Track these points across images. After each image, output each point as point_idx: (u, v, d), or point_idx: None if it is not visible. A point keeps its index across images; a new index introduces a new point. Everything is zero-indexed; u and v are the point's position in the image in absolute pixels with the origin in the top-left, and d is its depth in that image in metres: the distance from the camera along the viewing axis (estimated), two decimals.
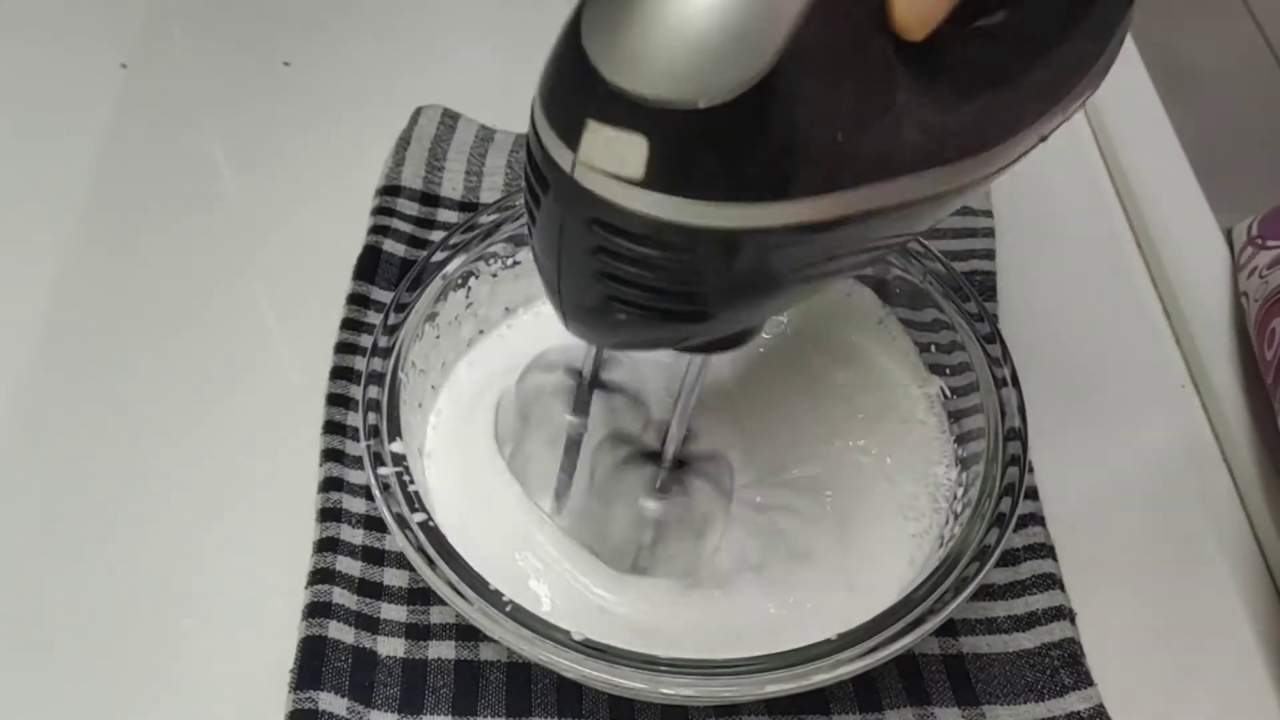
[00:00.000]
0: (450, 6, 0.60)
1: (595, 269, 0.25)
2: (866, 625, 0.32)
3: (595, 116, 0.23)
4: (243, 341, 0.45)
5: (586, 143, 0.24)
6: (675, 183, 0.23)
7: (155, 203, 0.50)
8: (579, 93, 0.24)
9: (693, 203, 0.24)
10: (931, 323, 0.41)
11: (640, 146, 0.23)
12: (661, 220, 0.24)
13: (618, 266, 0.25)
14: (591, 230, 0.25)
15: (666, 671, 0.32)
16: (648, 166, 0.23)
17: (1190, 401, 0.45)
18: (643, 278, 0.25)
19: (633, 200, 0.24)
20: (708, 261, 0.25)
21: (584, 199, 0.24)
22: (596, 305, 0.26)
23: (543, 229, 0.26)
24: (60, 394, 0.43)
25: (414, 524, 0.34)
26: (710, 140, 0.23)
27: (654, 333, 0.27)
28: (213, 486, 0.40)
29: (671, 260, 0.25)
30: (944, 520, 0.38)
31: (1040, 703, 0.36)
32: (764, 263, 0.25)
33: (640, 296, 0.26)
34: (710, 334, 0.28)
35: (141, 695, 0.36)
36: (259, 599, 0.37)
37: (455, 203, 0.49)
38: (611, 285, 0.26)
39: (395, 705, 0.35)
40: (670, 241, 0.24)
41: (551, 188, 0.25)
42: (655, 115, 0.23)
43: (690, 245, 0.24)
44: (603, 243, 0.25)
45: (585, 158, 0.24)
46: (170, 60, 0.57)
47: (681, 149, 0.23)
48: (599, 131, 0.23)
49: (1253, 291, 0.45)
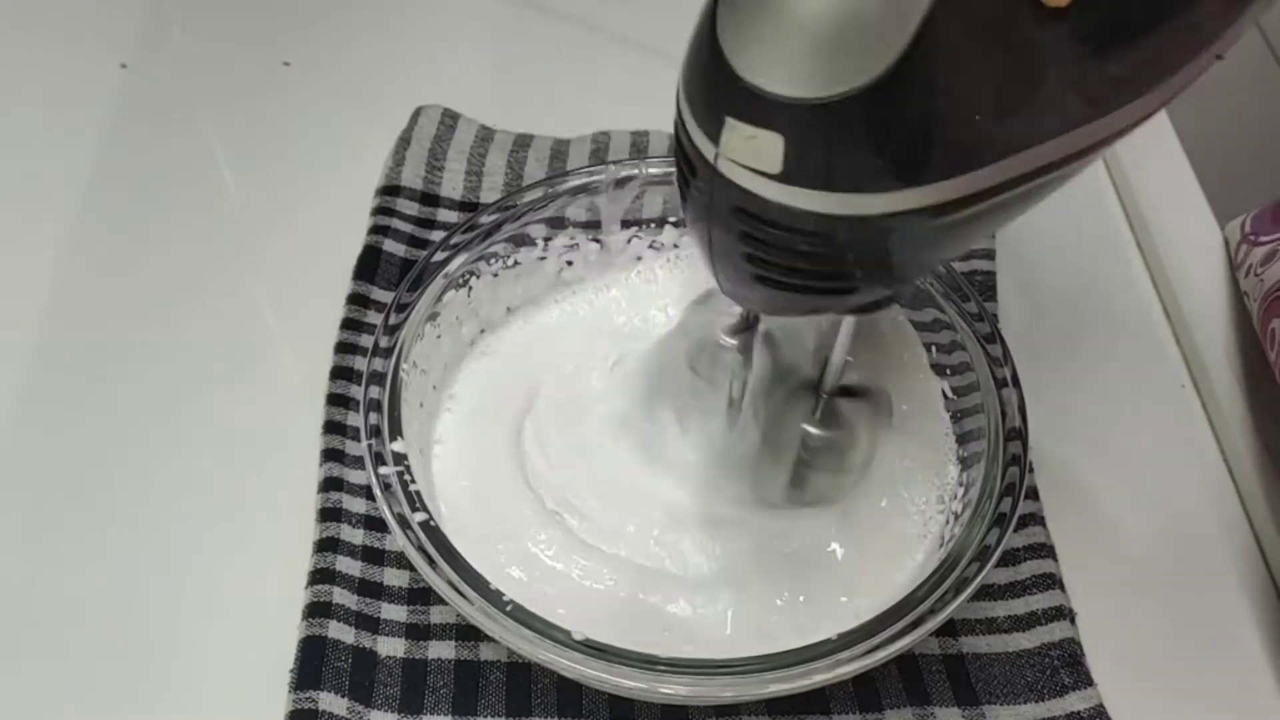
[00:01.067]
0: (450, 6, 0.60)
1: (743, 250, 0.26)
2: (866, 625, 0.32)
3: (733, 114, 0.24)
4: (243, 341, 0.45)
5: (726, 138, 0.24)
6: (813, 176, 0.24)
7: (155, 203, 0.50)
8: (717, 89, 0.24)
9: (831, 194, 0.24)
10: (932, 323, 0.41)
11: (777, 143, 0.24)
12: (802, 210, 0.24)
13: (764, 250, 0.26)
14: (737, 217, 0.26)
15: (666, 671, 0.32)
16: (785, 161, 0.24)
17: (1190, 401, 0.45)
18: (789, 260, 0.26)
19: (773, 192, 0.24)
20: (849, 245, 0.25)
21: (728, 188, 0.25)
22: (746, 280, 0.28)
23: (693, 209, 0.27)
24: (60, 393, 0.43)
25: (415, 523, 0.34)
26: (844, 133, 0.23)
27: (804, 304, 0.28)
28: (213, 486, 0.40)
29: (813, 245, 0.25)
30: (944, 520, 0.38)
31: (1040, 703, 0.36)
32: (905, 240, 0.26)
33: (788, 275, 0.27)
34: (860, 302, 0.29)
35: (141, 695, 0.36)
36: (259, 599, 0.37)
37: (455, 203, 0.49)
38: (759, 265, 0.27)
39: (395, 705, 0.35)
40: (811, 230, 0.25)
41: (699, 175, 0.26)
42: (790, 111, 0.23)
43: (831, 232, 0.25)
44: (747, 228, 0.26)
45: (726, 151, 0.25)
46: (170, 60, 0.57)
47: (817, 143, 0.24)
48: (737, 129, 0.24)
49: (1252, 291, 0.45)
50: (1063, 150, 0.26)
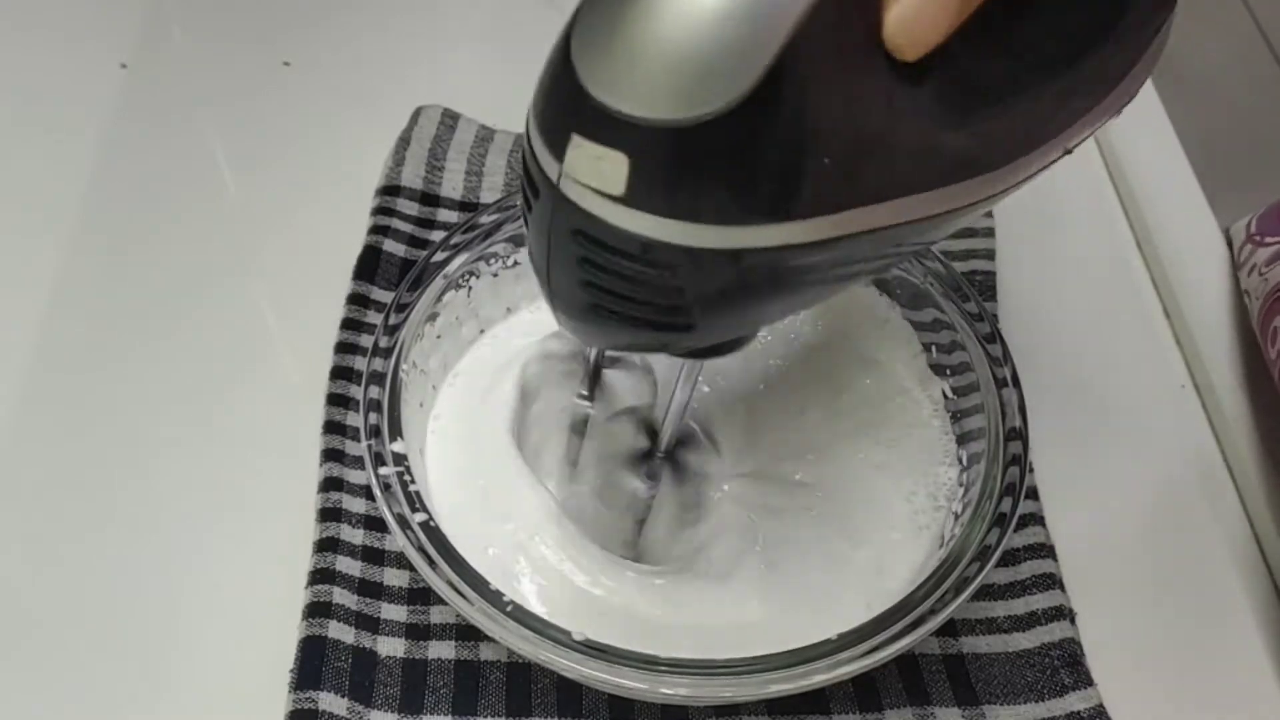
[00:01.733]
0: (450, 6, 0.60)
1: (581, 277, 0.26)
2: (866, 625, 0.32)
3: (580, 131, 0.23)
4: (243, 341, 0.45)
5: (571, 157, 0.24)
6: (655, 201, 0.23)
7: (155, 203, 0.50)
8: (566, 106, 0.24)
9: (673, 222, 0.23)
10: (932, 323, 0.41)
11: (622, 163, 0.23)
12: (642, 237, 0.24)
13: (601, 277, 0.25)
14: (576, 240, 0.25)
15: (666, 671, 0.32)
16: (629, 183, 0.23)
17: (1190, 401, 0.45)
18: (626, 289, 0.25)
19: (615, 216, 0.24)
20: (689, 278, 0.25)
21: (569, 210, 0.24)
22: (583, 310, 0.27)
23: (534, 233, 0.27)
24: (60, 394, 0.43)
25: (415, 524, 0.34)
26: (690, 160, 0.23)
27: (641, 338, 0.27)
28: (213, 486, 0.40)
29: (653, 275, 0.25)
30: (944, 520, 0.38)
31: (1040, 703, 0.36)
32: (747, 280, 0.25)
33: (624, 306, 0.26)
34: (698, 343, 0.28)
35: (141, 695, 0.36)
36: (259, 599, 0.37)
37: (455, 203, 0.49)
38: (596, 294, 0.26)
39: (395, 705, 0.35)
40: (651, 258, 0.24)
41: (541, 196, 0.25)
42: (637, 133, 0.23)
43: (671, 262, 0.24)
44: (587, 253, 0.25)
45: (570, 171, 0.24)
46: (170, 60, 0.57)
47: (662, 168, 0.23)
48: (583, 147, 0.23)
49: (1254, 290, 0.45)
50: (913, 212, 0.26)
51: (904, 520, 0.38)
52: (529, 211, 0.26)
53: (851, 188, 0.24)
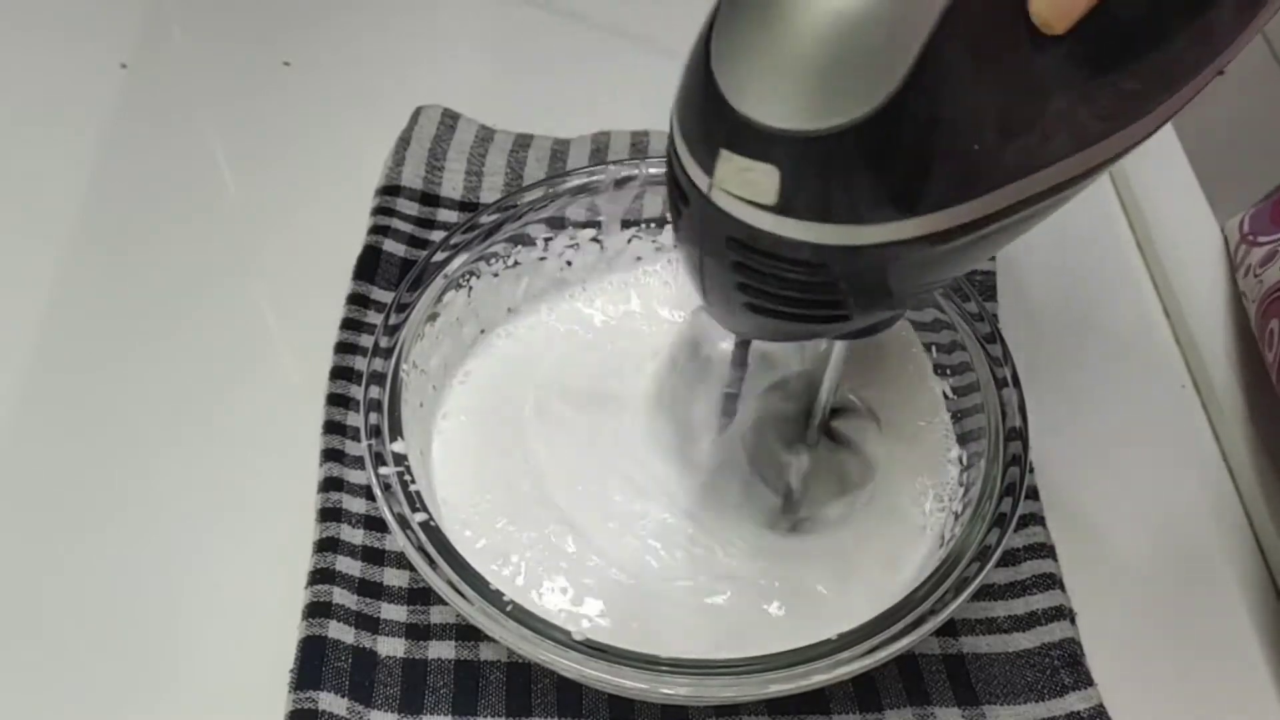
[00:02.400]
0: (450, 6, 0.60)
1: (736, 280, 0.26)
2: (866, 625, 0.32)
3: (727, 146, 0.24)
4: (243, 341, 0.45)
5: (720, 169, 0.24)
6: (808, 208, 0.24)
7: (155, 203, 0.50)
8: (711, 119, 0.24)
9: (826, 225, 0.24)
10: (932, 323, 0.41)
11: (772, 175, 0.23)
12: (797, 241, 0.24)
13: (756, 279, 0.26)
14: (730, 247, 0.25)
15: (666, 671, 0.32)
16: (780, 193, 0.24)
17: (1191, 402, 0.45)
18: (781, 289, 0.26)
19: (768, 223, 0.24)
20: (843, 275, 0.25)
21: (721, 219, 0.25)
22: (738, 309, 0.27)
23: (685, 237, 0.27)
24: (59, 394, 0.43)
25: (415, 523, 0.34)
26: (840, 165, 0.23)
27: (797, 331, 0.28)
28: (213, 486, 0.40)
29: (807, 275, 0.25)
30: (944, 520, 0.38)
31: (1040, 703, 0.36)
32: (901, 268, 0.26)
33: (779, 305, 0.26)
34: (851, 329, 0.29)
35: (141, 695, 0.36)
36: (259, 599, 0.37)
37: (455, 203, 0.49)
38: (751, 295, 0.26)
39: (395, 705, 0.35)
40: (806, 260, 0.25)
41: (691, 204, 0.26)
42: (784, 144, 0.23)
43: (825, 262, 0.25)
44: (740, 258, 0.26)
45: (720, 183, 0.24)
46: (170, 60, 0.57)
47: (813, 176, 0.23)
48: (731, 160, 0.24)
49: (1250, 291, 0.45)
50: (1063, 174, 0.26)
51: (904, 519, 0.38)
52: (678, 218, 0.27)
53: (999, 168, 0.24)
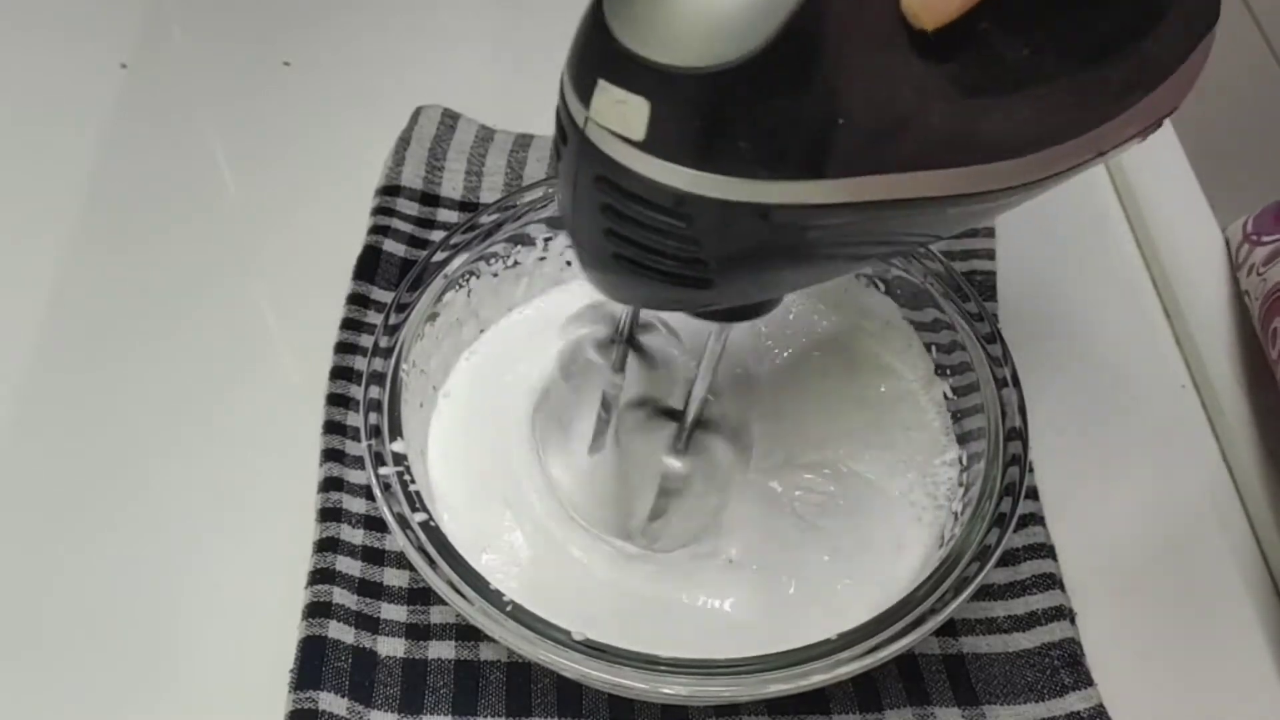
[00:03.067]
0: (450, 6, 0.60)
1: (604, 225, 0.26)
2: (866, 625, 0.32)
3: (606, 76, 0.24)
4: (243, 341, 0.45)
5: (596, 101, 0.24)
6: (673, 148, 0.24)
7: (155, 203, 0.50)
8: (595, 52, 0.24)
9: (689, 170, 0.24)
10: (932, 323, 0.41)
11: (643, 108, 0.24)
12: (659, 184, 0.24)
13: (622, 225, 0.26)
14: (599, 187, 0.25)
15: (666, 671, 0.32)
16: (649, 129, 0.24)
17: (1191, 401, 0.45)
18: (644, 238, 0.26)
19: (634, 161, 0.24)
20: (703, 229, 0.25)
21: (593, 156, 0.25)
22: (606, 260, 0.27)
23: (562, 181, 0.27)
24: (60, 394, 0.43)
25: (415, 524, 0.34)
26: (707, 107, 0.23)
27: (662, 293, 0.28)
28: (213, 486, 0.40)
29: (669, 225, 0.25)
30: (944, 520, 0.38)
31: (1040, 703, 0.36)
32: (759, 238, 0.25)
33: (643, 256, 0.26)
34: (720, 302, 0.29)
35: (141, 695, 0.36)
36: (259, 599, 0.37)
37: (455, 203, 0.49)
38: (617, 243, 0.26)
39: (395, 705, 0.35)
40: (667, 206, 0.25)
41: (568, 142, 0.26)
42: (658, 78, 0.23)
43: (686, 212, 0.25)
44: (609, 200, 0.26)
45: (595, 115, 0.25)
46: (170, 60, 0.57)
47: (680, 114, 0.24)
48: (608, 91, 0.24)
49: (1253, 290, 0.45)
50: (922, 189, 0.26)
51: (904, 520, 0.38)
52: (558, 161, 0.27)
53: (864, 154, 0.25)
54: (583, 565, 0.37)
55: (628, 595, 0.36)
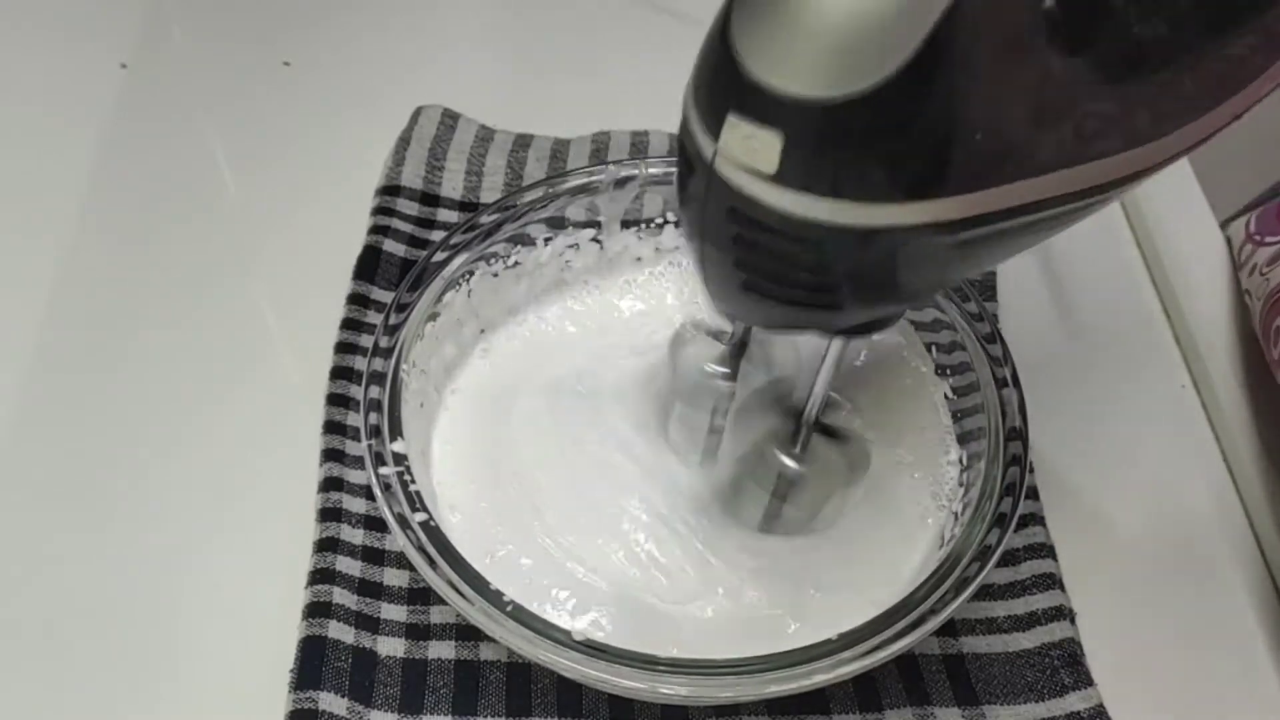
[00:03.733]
0: (450, 6, 0.60)
1: (734, 256, 0.26)
2: (867, 625, 0.32)
3: (735, 110, 0.24)
4: (243, 341, 0.45)
5: (726, 135, 0.24)
6: (808, 180, 0.24)
7: (155, 203, 0.50)
8: (722, 84, 0.24)
9: (825, 200, 0.24)
10: (932, 323, 0.41)
11: (775, 142, 0.23)
12: (794, 216, 0.24)
13: (754, 256, 0.26)
14: (730, 219, 0.25)
15: (666, 671, 0.32)
16: (782, 162, 0.24)
17: (1191, 401, 0.45)
18: (777, 268, 0.26)
19: (767, 195, 0.24)
20: (839, 257, 0.25)
21: (723, 189, 0.25)
22: (736, 289, 0.27)
23: (688, 211, 0.27)
24: (59, 394, 0.43)
25: (415, 523, 0.34)
26: (842, 138, 0.23)
27: (791, 318, 0.28)
28: (212, 486, 0.40)
29: (804, 254, 0.25)
30: (944, 520, 0.38)
31: (1040, 703, 0.36)
32: (896, 259, 0.25)
33: (775, 285, 0.26)
34: (846, 323, 0.29)
35: (141, 695, 0.36)
36: (259, 599, 0.37)
37: (455, 203, 0.49)
38: (748, 272, 0.26)
39: (395, 705, 0.35)
40: (803, 237, 0.25)
41: (695, 174, 0.26)
42: (790, 111, 0.23)
43: (822, 241, 0.25)
44: (740, 231, 0.25)
45: (725, 150, 0.24)
46: (170, 60, 0.57)
47: (813, 146, 0.23)
48: (738, 126, 0.24)
49: (1255, 290, 0.45)
50: (1071, 184, 0.25)
51: (906, 520, 0.38)
52: (683, 191, 0.27)
53: (1001, 163, 0.24)
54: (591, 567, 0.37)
55: (631, 595, 0.36)
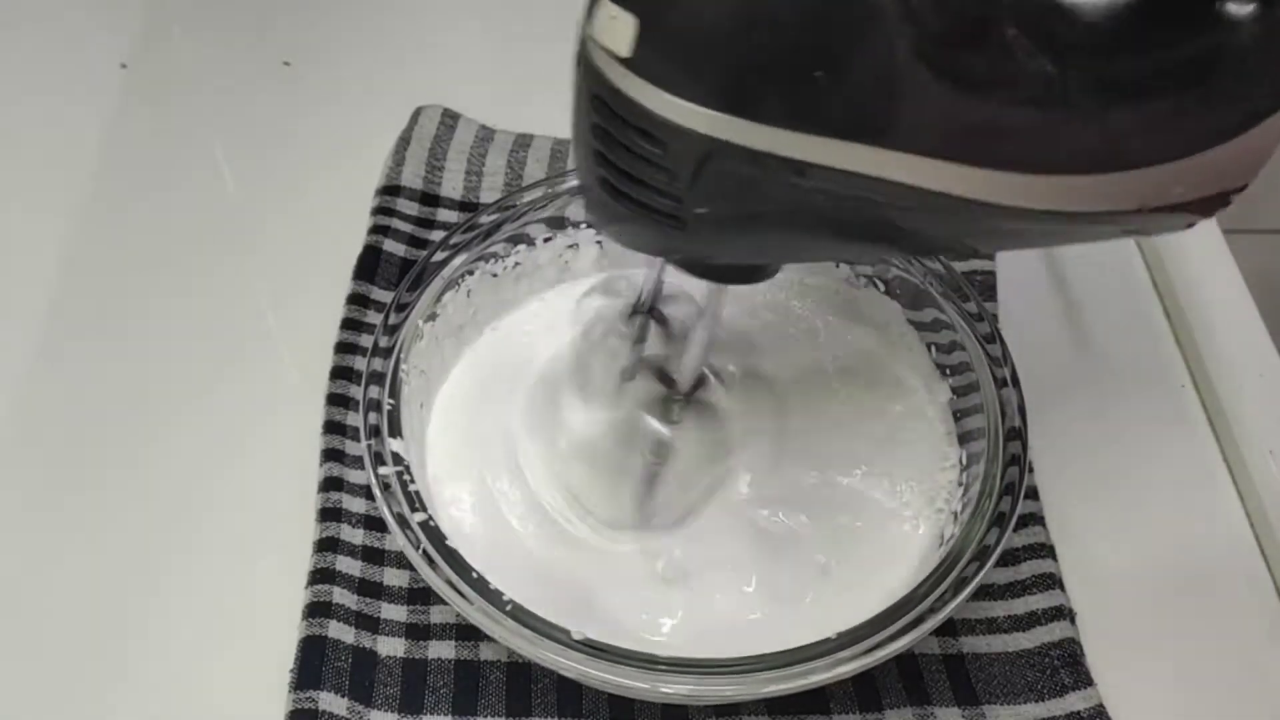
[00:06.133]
0: (450, 6, 0.60)
1: (594, 147, 0.27)
2: (866, 624, 0.32)
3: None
4: (243, 341, 0.45)
5: (595, 15, 0.25)
6: (654, 69, 0.25)
7: (155, 203, 0.50)
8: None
9: (667, 95, 0.25)
10: (932, 323, 0.41)
11: (630, 25, 0.24)
12: (640, 106, 0.25)
13: (609, 148, 0.26)
14: (592, 106, 0.26)
15: (666, 671, 0.32)
16: (635, 47, 0.24)
17: (1191, 402, 0.45)
18: (627, 164, 0.26)
19: (622, 80, 0.25)
20: (677, 160, 0.25)
21: (588, 73, 0.26)
22: (593, 185, 0.28)
23: (574, 103, 0.28)
24: (60, 394, 0.43)
25: (415, 523, 0.34)
26: (689, 32, 0.24)
27: (643, 231, 0.28)
28: (213, 486, 0.40)
29: (647, 151, 0.26)
30: (944, 520, 0.38)
31: (1040, 702, 0.36)
32: (730, 182, 0.26)
33: (625, 184, 0.27)
34: (699, 251, 0.29)
35: (141, 695, 0.36)
36: (259, 599, 0.37)
37: (455, 203, 0.49)
38: (603, 167, 0.27)
39: (395, 705, 0.35)
40: (644, 130, 0.25)
41: (578, 63, 0.27)
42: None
43: (661, 138, 0.25)
44: (598, 120, 0.26)
45: (591, 31, 0.25)
46: (170, 60, 0.57)
47: (664, 34, 0.24)
48: (605, 6, 0.25)
49: None
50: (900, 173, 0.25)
51: (906, 519, 0.38)
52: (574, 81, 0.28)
53: (838, 115, 0.24)
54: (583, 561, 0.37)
55: (626, 592, 0.36)
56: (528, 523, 0.38)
